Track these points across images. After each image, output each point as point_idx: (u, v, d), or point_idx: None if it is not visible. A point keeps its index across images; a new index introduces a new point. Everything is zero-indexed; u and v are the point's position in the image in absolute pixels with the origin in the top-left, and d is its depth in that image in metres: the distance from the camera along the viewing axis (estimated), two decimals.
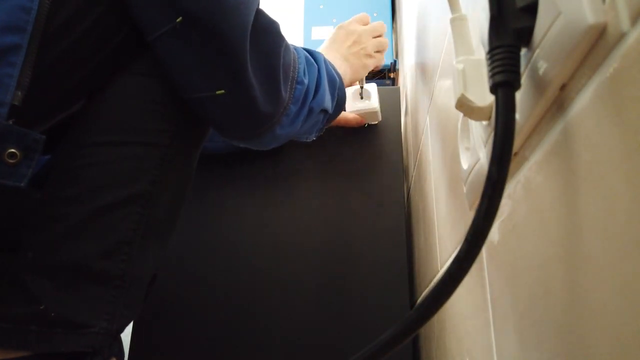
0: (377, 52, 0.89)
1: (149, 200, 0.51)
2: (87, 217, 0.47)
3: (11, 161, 0.41)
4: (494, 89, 0.24)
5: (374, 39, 0.88)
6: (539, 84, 0.24)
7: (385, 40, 0.90)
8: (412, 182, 1.01)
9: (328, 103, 0.68)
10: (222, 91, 0.52)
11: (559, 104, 0.24)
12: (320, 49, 0.83)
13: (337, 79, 0.72)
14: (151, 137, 0.51)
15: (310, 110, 0.63)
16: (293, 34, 1.69)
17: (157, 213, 0.52)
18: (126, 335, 0.63)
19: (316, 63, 0.66)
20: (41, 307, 0.45)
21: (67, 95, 0.50)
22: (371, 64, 0.87)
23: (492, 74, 0.24)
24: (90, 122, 0.51)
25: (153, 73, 0.53)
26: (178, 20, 0.48)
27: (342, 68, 0.80)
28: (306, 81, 0.61)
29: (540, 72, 0.24)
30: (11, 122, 0.40)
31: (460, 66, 0.32)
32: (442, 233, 0.60)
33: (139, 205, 0.50)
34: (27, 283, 0.46)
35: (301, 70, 0.60)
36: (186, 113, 0.55)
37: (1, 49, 0.40)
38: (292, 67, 0.58)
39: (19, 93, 0.41)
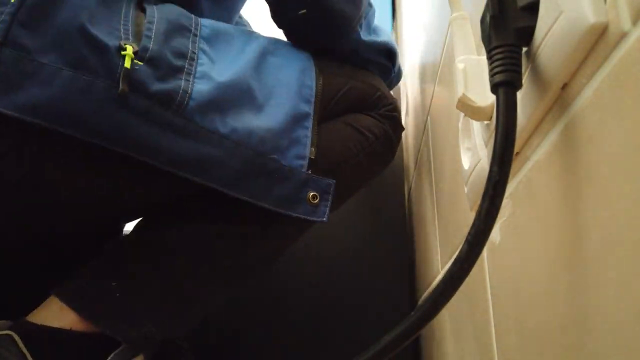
0: None
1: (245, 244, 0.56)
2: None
3: (314, 202, 0.52)
4: (494, 89, 0.24)
5: None
6: (540, 84, 0.24)
7: None
8: (412, 182, 1.01)
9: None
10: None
11: (560, 104, 0.24)
12: None
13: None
14: None
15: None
16: None
17: (243, 261, 0.56)
18: None
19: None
20: (113, 284, 0.50)
21: None
22: None
23: (493, 74, 0.24)
24: None
25: None
26: None
27: None
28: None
29: (542, 71, 0.24)
30: (309, 171, 0.52)
31: (461, 66, 0.32)
32: (442, 234, 0.60)
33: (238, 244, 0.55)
34: (127, 256, 0.52)
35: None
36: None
37: (299, 115, 0.53)
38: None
39: (313, 149, 0.53)
